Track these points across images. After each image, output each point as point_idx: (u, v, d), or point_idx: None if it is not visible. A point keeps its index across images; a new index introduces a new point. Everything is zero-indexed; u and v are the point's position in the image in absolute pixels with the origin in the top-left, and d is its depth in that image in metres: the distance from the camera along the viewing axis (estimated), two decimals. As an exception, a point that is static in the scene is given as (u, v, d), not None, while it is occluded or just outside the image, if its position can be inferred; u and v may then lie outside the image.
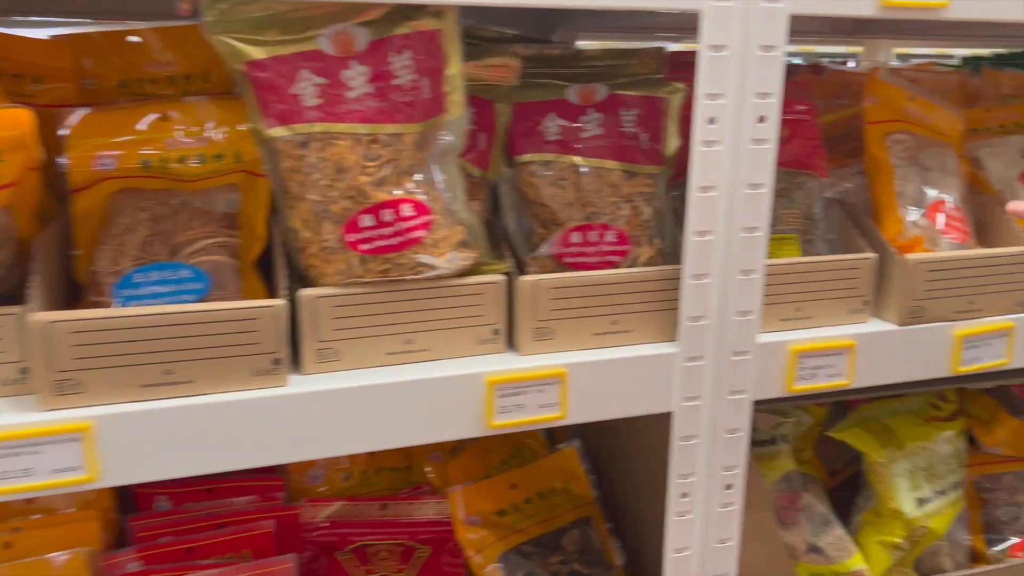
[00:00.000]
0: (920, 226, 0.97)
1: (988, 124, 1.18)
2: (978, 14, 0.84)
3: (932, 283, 0.93)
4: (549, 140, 0.89)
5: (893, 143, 1.02)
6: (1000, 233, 1.03)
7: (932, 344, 0.95)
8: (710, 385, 0.87)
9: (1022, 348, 0.99)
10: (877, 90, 1.02)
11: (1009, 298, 0.98)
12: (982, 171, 1.11)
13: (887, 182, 0.99)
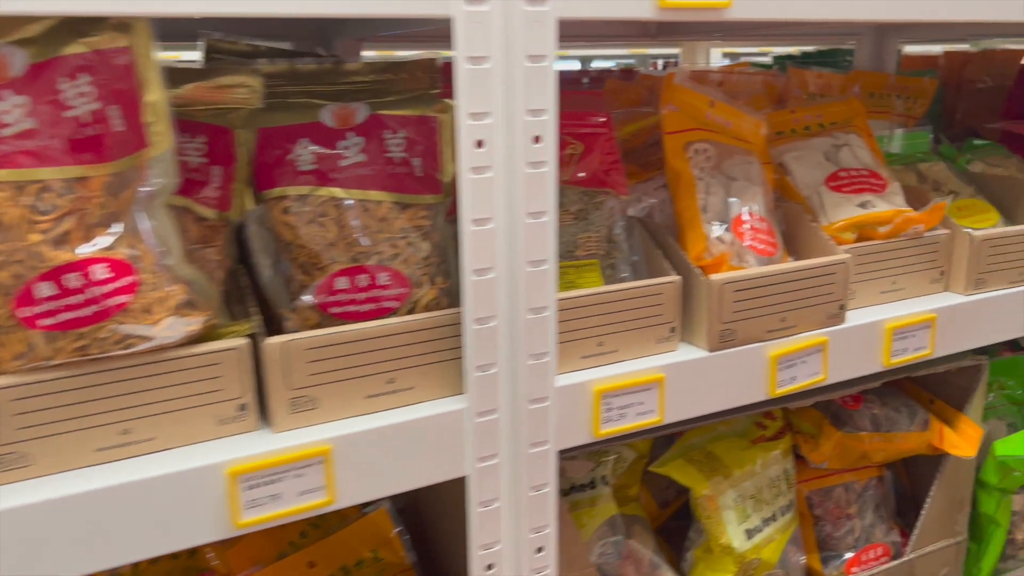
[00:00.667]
0: (726, 241, 0.91)
1: (794, 126, 1.14)
2: (761, 14, 0.78)
3: (740, 303, 0.87)
4: (303, 170, 0.76)
5: (695, 153, 0.96)
6: (808, 242, 0.99)
7: (746, 368, 0.89)
8: (507, 440, 0.77)
9: (837, 362, 0.95)
10: (675, 97, 0.95)
11: (821, 311, 0.93)
12: (789, 176, 1.06)
13: (689, 196, 0.92)
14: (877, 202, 1.02)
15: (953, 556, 1.17)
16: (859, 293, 1.00)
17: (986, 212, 1.15)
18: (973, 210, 1.15)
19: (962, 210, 1.13)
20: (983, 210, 1.15)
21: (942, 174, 1.21)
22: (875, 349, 0.98)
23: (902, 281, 1.03)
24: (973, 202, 1.16)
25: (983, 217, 1.14)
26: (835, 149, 1.10)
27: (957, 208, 1.13)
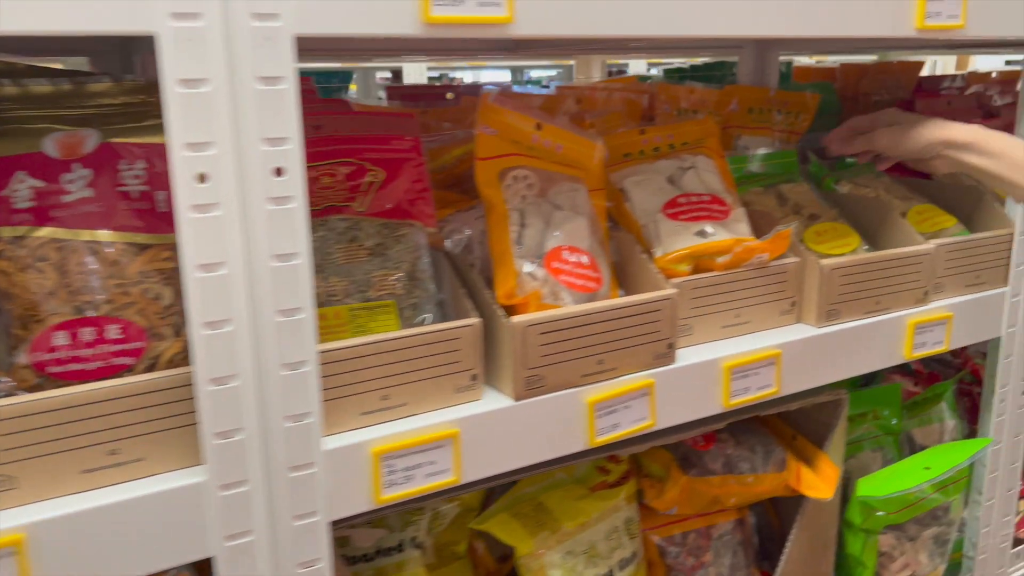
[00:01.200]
0: (538, 278, 0.83)
1: (643, 148, 1.07)
2: (548, 31, 0.70)
3: (549, 346, 0.79)
4: (19, 208, 0.66)
5: (513, 180, 0.87)
6: (638, 275, 0.92)
7: (560, 416, 0.81)
8: (264, 514, 0.67)
9: (667, 405, 0.87)
10: (491, 118, 0.87)
11: (646, 351, 0.85)
12: (628, 203, 0.99)
13: (501, 228, 0.84)
14: (717, 230, 0.95)
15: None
16: (697, 328, 0.93)
17: (846, 237, 1.09)
18: (833, 235, 1.08)
19: (821, 235, 1.07)
20: (843, 234, 1.09)
21: (804, 196, 1.15)
22: (712, 389, 0.91)
23: (748, 314, 0.96)
24: (834, 226, 1.10)
25: (843, 242, 1.08)
26: (681, 172, 1.03)
27: (816, 233, 1.07)
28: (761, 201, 1.12)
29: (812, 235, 1.06)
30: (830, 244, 1.06)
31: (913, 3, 0.92)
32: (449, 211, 0.92)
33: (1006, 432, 1.23)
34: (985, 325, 1.14)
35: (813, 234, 1.06)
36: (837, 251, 1.05)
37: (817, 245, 1.04)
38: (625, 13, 0.72)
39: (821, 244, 1.05)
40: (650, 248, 0.94)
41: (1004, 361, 1.18)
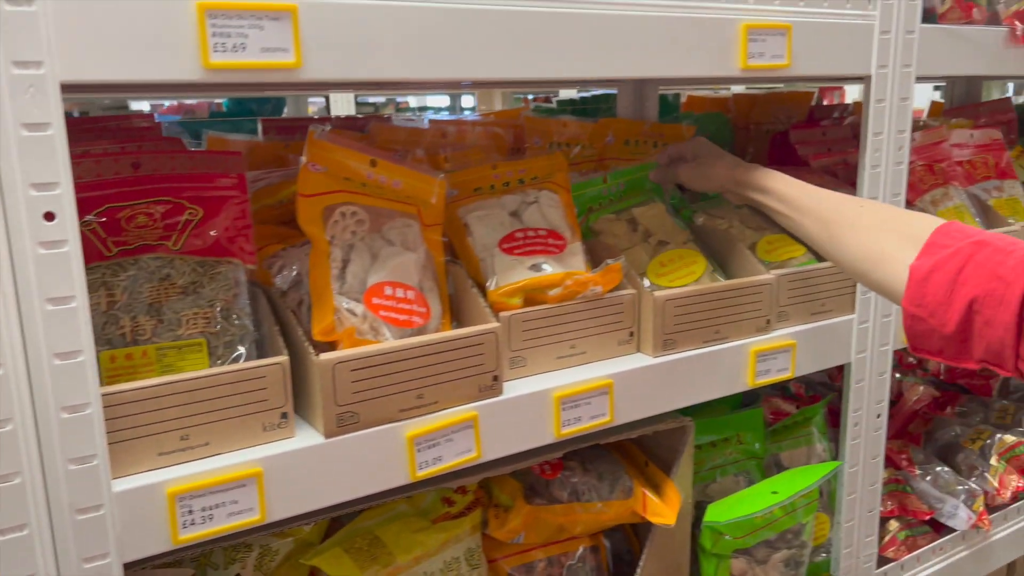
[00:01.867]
0: (357, 314, 0.84)
1: (493, 182, 1.09)
2: (338, 74, 0.72)
3: (363, 382, 0.80)
4: None
5: (341, 217, 0.88)
6: (469, 308, 0.93)
7: (377, 452, 0.82)
8: (48, 557, 0.67)
9: (494, 437, 0.89)
10: (320, 155, 0.88)
11: (470, 384, 0.87)
12: (470, 237, 1.01)
13: (322, 264, 0.85)
14: (550, 264, 0.98)
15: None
16: (531, 360, 0.95)
17: (692, 264, 1.11)
18: (679, 263, 1.11)
19: (665, 266, 1.10)
20: (689, 262, 1.12)
21: (656, 221, 1.18)
22: (543, 420, 0.92)
23: (583, 344, 0.98)
24: (681, 253, 1.13)
25: (687, 271, 1.10)
26: (525, 206, 1.05)
27: (660, 264, 1.10)
28: (612, 229, 1.14)
29: (656, 266, 1.09)
30: (672, 276, 1.08)
31: (737, 46, 0.96)
32: (281, 247, 0.93)
33: (863, 454, 1.26)
34: (834, 351, 1.18)
35: (657, 265, 1.09)
36: (679, 282, 1.08)
37: (658, 277, 1.06)
38: (408, 58, 0.74)
39: (663, 276, 1.07)
40: (485, 282, 0.96)
41: (856, 386, 1.22)
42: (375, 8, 0.73)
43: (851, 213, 0.93)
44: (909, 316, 0.82)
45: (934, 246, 0.82)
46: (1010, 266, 0.75)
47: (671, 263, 1.10)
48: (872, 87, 1.09)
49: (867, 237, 0.89)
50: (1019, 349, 0.74)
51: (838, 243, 0.92)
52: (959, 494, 1.44)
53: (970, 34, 1.20)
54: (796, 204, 0.99)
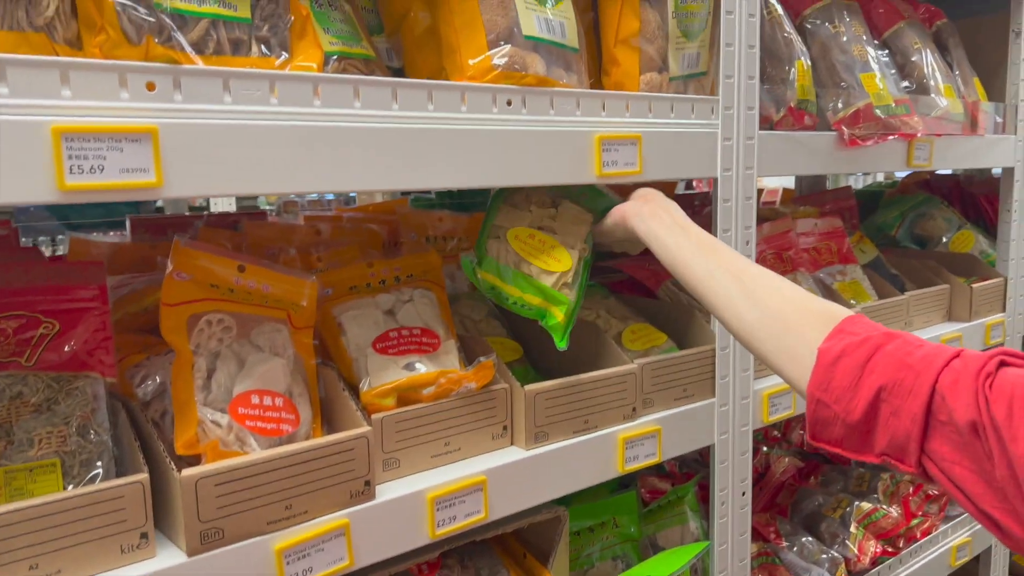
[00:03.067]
0: (222, 425, 0.83)
1: (370, 280, 1.11)
2: (201, 191, 0.73)
3: (227, 496, 0.78)
4: None
5: (207, 325, 0.88)
6: (340, 412, 0.94)
7: (243, 567, 0.80)
8: None
9: (367, 543, 0.88)
10: (185, 262, 0.88)
11: (340, 491, 0.86)
12: (344, 337, 1.02)
13: (185, 375, 0.84)
14: (424, 363, 1.00)
15: None
16: (405, 460, 0.95)
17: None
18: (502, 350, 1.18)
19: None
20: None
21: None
22: (417, 521, 0.92)
23: (458, 441, 1.00)
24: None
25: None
26: (400, 305, 1.07)
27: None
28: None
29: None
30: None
31: (592, 155, 1.03)
32: (144, 356, 0.92)
33: (731, 532, 1.32)
34: (698, 434, 1.24)
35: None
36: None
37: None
38: (274, 175, 0.76)
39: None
40: (358, 383, 0.97)
41: (720, 466, 1.28)
42: (237, 130, 0.75)
43: (773, 277, 0.89)
44: (814, 401, 0.78)
45: (844, 332, 0.78)
46: (919, 356, 0.72)
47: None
48: (719, 188, 1.19)
49: (784, 302, 0.84)
50: (924, 443, 0.71)
51: (754, 299, 0.86)
52: (823, 563, 1.51)
53: (805, 139, 1.32)
54: (710, 245, 0.94)
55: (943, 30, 1.69)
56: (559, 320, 1.03)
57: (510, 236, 1.06)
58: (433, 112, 0.88)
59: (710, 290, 0.92)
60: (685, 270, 0.95)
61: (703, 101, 1.14)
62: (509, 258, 1.05)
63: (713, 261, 0.93)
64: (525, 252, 1.05)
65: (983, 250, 1.94)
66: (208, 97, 0.74)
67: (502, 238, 1.06)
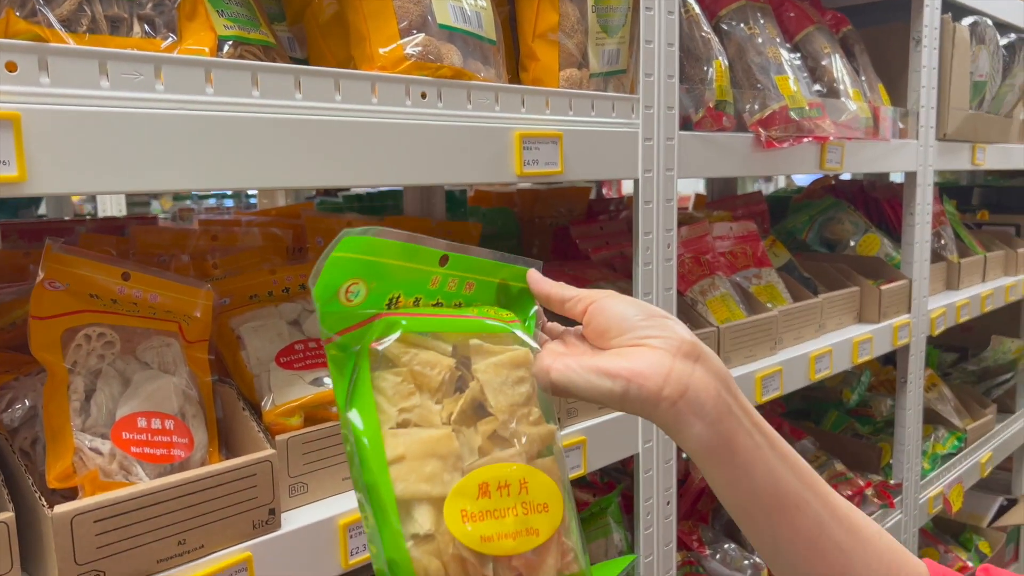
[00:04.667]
0: (103, 453, 0.73)
1: (272, 289, 1.02)
2: (67, 188, 0.64)
3: (109, 534, 0.69)
4: None
5: (84, 340, 0.78)
6: (240, 433, 0.85)
7: (128, 614, 0.70)
8: None
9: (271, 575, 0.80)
10: (59, 270, 0.78)
11: (241, 521, 0.78)
12: (243, 351, 0.93)
13: (59, 397, 0.74)
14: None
15: None
16: (313, 485, 0.87)
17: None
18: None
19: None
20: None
21: None
22: (328, 550, 0.85)
23: (372, 461, 0.92)
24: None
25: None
26: (306, 315, 0.99)
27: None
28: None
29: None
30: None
31: (513, 153, 0.97)
32: (12, 376, 0.81)
33: (656, 543, 1.28)
34: (622, 444, 1.20)
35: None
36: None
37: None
38: (160, 169, 0.68)
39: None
40: (260, 400, 0.88)
41: (645, 476, 1.24)
42: (116, 119, 0.66)
43: (858, 513, 0.64)
44: None
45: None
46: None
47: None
48: (640, 190, 1.16)
49: (878, 549, 0.63)
50: None
51: (853, 536, 0.62)
52: (746, 569, 1.50)
53: (724, 140, 1.31)
54: (777, 446, 0.62)
55: (849, 36, 1.72)
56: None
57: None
58: (341, 104, 0.81)
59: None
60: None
61: (624, 100, 1.11)
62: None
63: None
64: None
65: (888, 253, 1.99)
66: (81, 81, 0.65)
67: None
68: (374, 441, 0.56)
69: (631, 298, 0.65)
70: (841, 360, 1.63)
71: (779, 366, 1.45)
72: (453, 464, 0.57)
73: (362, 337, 0.58)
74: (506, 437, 0.59)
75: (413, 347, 0.59)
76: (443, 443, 0.57)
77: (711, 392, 0.60)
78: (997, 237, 2.48)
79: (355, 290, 0.58)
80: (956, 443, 2.22)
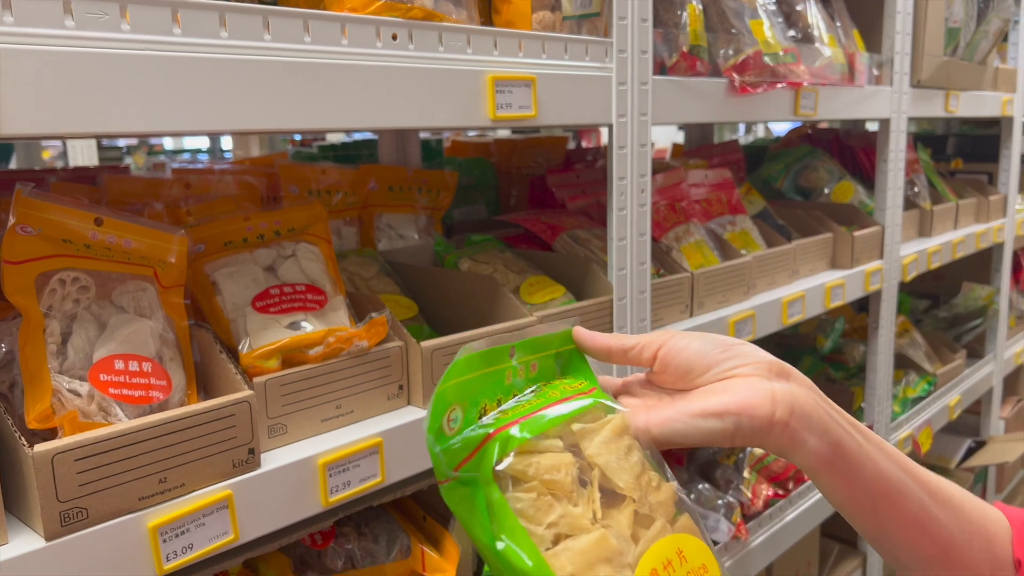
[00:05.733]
0: (81, 394, 0.74)
1: (247, 235, 1.02)
2: (37, 129, 0.64)
3: (90, 472, 0.70)
4: None
5: (58, 285, 0.78)
6: (218, 376, 0.86)
7: (113, 549, 0.72)
8: None
9: (253, 514, 0.82)
10: (30, 215, 0.77)
11: (221, 460, 0.79)
12: (219, 297, 0.94)
13: (35, 340, 0.75)
14: (310, 321, 0.93)
15: None
16: (292, 426, 0.89)
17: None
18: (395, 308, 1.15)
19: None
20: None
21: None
22: (308, 489, 0.86)
23: (350, 403, 0.94)
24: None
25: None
26: (281, 261, 0.99)
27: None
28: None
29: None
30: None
31: (485, 97, 0.97)
32: (-10, 321, 0.81)
33: (632, 482, 1.31)
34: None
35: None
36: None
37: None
38: (132, 111, 0.68)
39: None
40: (237, 345, 0.89)
41: (620, 417, 1.27)
42: (79, 59, 0.66)
43: (944, 482, 0.67)
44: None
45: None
46: None
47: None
48: (614, 135, 1.16)
49: (969, 514, 0.66)
50: None
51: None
52: (719, 508, 1.54)
53: (697, 85, 1.31)
54: (872, 438, 0.64)
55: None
56: None
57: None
58: (310, 45, 0.81)
59: None
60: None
61: (597, 43, 1.11)
62: None
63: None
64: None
65: (862, 200, 2.01)
66: (44, 20, 0.64)
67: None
68: (540, 569, 0.51)
69: (697, 332, 0.65)
70: (814, 305, 1.65)
71: (752, 311, 1.48)
72: (619, 563, 0.54)
73: (480, 463, 0.54)
74: (645, 513, 0.57)
75: (531, 455, 0.55)
76: (603, 546, 0.54)
77: (812, 404, 0.61)
78: (970, 185, 2.51)
79: (454, 417, 0.54)
80: (926, 387, 2.28)
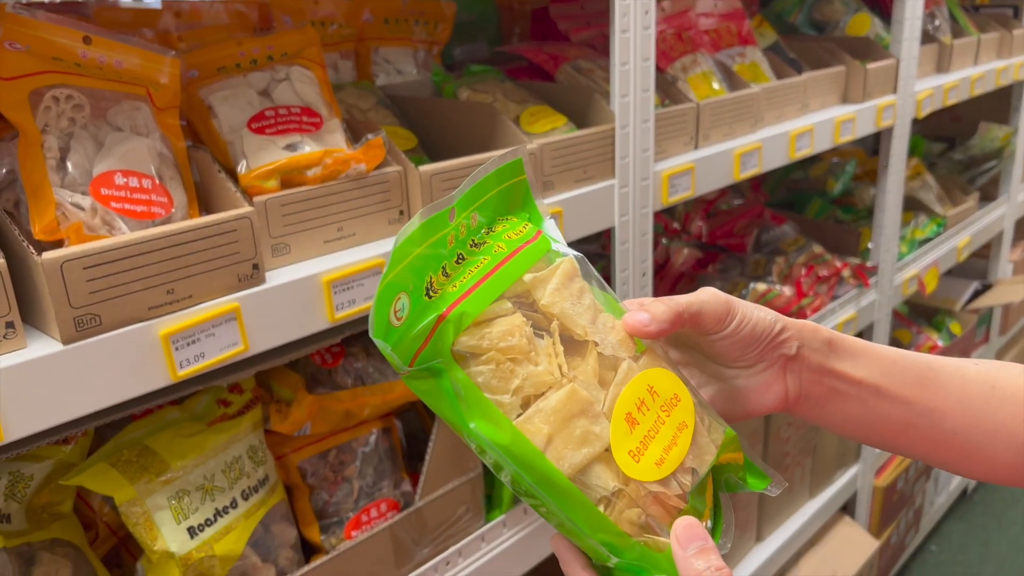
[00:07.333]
0: (84, 208, 0.76)
1: (239, 61, 1.00)
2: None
3: (100, 280, 0.73)
4: None
5: (53, 102, 0.78)
6: (217, 195, 0.87)
7: (127, 355, 0.75)
8: None
9: (261, 327, 0.85)
10: (18, 32, 0.76)
11: (227, 274, 0.82)
12: (215, 119, 0.93)
13: (35, 155, 0.76)
14: (307, 143, 0.93)
15: (469, 493, 1.16)
16: (295, 246, 0.91)
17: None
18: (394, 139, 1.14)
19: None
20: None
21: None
22: (314, 306, 0.89)
23: (352, 226, 0.95)
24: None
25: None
26: (275, 84, 0.98)
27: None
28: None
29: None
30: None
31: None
32: (-11, 141, 0.82)
33: (633, 312, 1.34)
34: (598, 217, 1.23)
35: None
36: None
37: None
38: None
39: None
40: (235, 166, 0.90)
41: (621, 247, 1.28)
42: None
43: (945, 366, 0.67)
44: None
45: None
46: None
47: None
48: (617, -50, 1.11)
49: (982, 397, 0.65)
50: None
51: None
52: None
53: (705, -101, 1.24)
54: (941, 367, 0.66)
55: None
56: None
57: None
58: None
59: None
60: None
61: None
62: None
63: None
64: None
65: (878, 34, 1.94)
66: None
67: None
68: (515, 439, 0.50)
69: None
70: (823, 139, 1.63)
71: (759, 143, 1.46)
72: (593, 413, 0.53)
73: (436, 348, 0.51)
74: (608, 355, 0.55)
75: (481, 327, 0.52)
76: (574, 399, 0.52)
77: (810, 325, 0.65)
78: (994, 19, 2.41)
79: (400, 306, 0.50)
80: (936, 228, 2.27)
